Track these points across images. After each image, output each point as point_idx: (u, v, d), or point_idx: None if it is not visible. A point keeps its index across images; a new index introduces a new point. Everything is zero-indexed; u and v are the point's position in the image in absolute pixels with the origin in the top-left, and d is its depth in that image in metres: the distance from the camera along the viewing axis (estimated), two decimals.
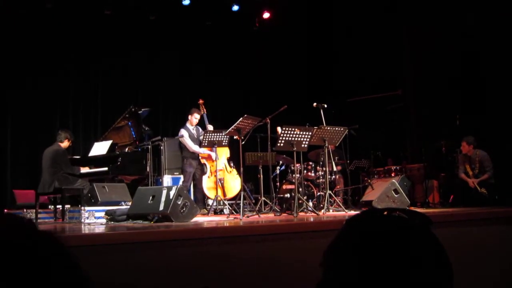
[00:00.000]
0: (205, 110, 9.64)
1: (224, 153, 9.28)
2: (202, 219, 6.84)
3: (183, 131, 9.30)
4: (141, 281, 3.66)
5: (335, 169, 9.06)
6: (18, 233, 0.99)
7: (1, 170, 10.57)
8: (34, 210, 8.30)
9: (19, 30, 10.72)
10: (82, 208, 7.12)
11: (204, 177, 9.22)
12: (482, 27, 10.00)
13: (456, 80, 10.53)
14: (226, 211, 8.33)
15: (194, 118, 9.36)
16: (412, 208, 7.61)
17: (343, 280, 1.08)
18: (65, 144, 8.46)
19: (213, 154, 9.15)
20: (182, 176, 9.62)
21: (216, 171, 8.86)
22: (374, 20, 11.80)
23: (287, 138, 7.05)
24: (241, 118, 7.40)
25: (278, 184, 9.51)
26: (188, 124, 9.40)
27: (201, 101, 9.65)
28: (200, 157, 9.33)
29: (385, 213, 1.13)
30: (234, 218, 6.90)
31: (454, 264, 1.11)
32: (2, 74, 10.54)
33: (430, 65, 11.01)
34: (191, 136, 9.26)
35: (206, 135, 8.06)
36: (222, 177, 9.11)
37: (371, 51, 11.82)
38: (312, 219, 6.08)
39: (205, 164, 9.31)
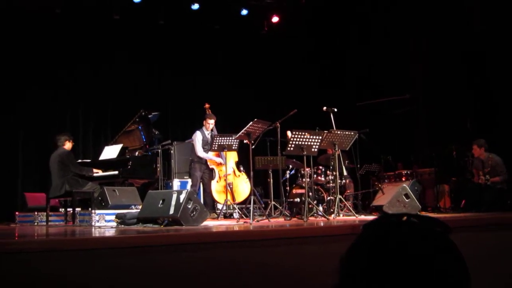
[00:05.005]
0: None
1: (232, 157, 9.25)
2: (212, 223, 6.82)
3: (197, 133, 9.25)
4: (150, 285, 3.65)
5: (345, 173, 9.03)
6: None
7: (12, 173, 10.65)
8: (45, 213, 8.35)
9: (27, 35, 10.80)
10: (93, 211, 7.13)
11: (213, 182, 9.20)
12: (489, 29, 9.95)
13: (467, 83, 10.48)
14: (236, 215, 8.31)
15: (208, 123, 9.30)
16: (423, 213, 7.59)
17: (360, 287, 1.07)
18: (67, 145, 8.52)
19: (217, 159, 9.12)
20: (190, 180, 9.61)
21: (225, 175, 8.83)
22: (383, 23, 11.77)
23: (297, 142, 7.03)
24: (251, 122, 7.40)
25: (288, 188, 9.48)
26: (203, 128, 9.37)
27: (207, 105, 9.63)
28: (208, 162, 9.30)
29: (404, 218, 1.12)
30: (244, 222, 6.89)
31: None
32: (13, 80, 10.61)
33: (440, 68, 10.96)
34: (204, 139, 9.20)
35: (216, 139, 8.04)
36: (231, 182, 9.09)
37: (380, 54, 11.78)
38: (322, 224, 6.05)
39: (213, 169, 9.28)
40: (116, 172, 8.38)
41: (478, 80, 10.29)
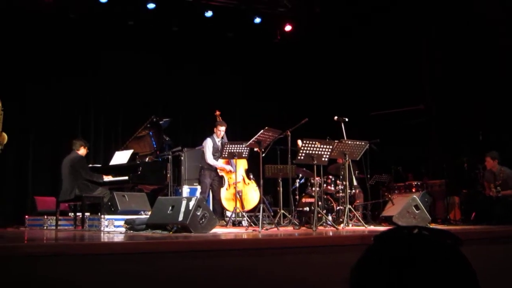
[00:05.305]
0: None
1: (242, 165, 9.24)
2: (221, 231, 6.82)
3: (208, 140, 9.26)
4: None
5: (355, 183, 8.99)
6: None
7: (23, 177, 10.70)
8: (54, 217, 8.38)
9: (42, 38, 10.88)
10: (102, 216, 7.17)
11: (222, 189, 9.19)
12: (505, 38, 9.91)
13: (479, 95, 10.42)
14: (244, 223, 8.30)
15: (218, 130, 9.30)
16: (433, 225, 7.53)
17: None
18: (82, 151, 8.55)
19: (227, 167, 9.12)
20: (199, 187, 9.61)
21: (234, 183, 8.82)
22: (396, 34, 11.75)
23: (307, 151, 7.01)
24: (261, 131, 7.39)
25: (297, 197, 9.46)
26: (214, 135, 9.39)
27: (217, 113, 9.64)
28: (218, 169, 9.30)
29: (415, 231, 1.11)
30: (253, 230, 6.87)
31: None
32: (24, 84, 10.67)
33: (453, 80, 10.91)
34: (214, 147, 9.21)
35: (227, 147, 8.05)
36: (241, 190, 9.08)
37: (393, 64, 11.75)
38: (331, 234, 6.03)
39: (223, 177, 9.28)
40: (126, 178, 8.41)
41: (491, 92, 10.23)
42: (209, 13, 11.68)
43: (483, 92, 10.36)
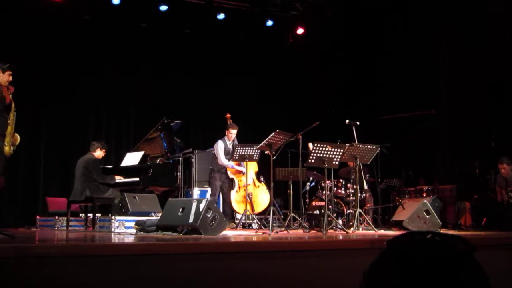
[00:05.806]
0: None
1: (252, 167, 9.24)
2: (231, 233, 6.83)
3: (219, 143, 9.28)
4: None
5: (365, 187, 8.97)
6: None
7: (34, 177, 10.76)
8: (65, 218, 8.42)
9: (54, 41, 10.94)
10: (113, 217, 7.19)
11: (232, 192, 9.20)
12: None
13: (491, 100, 10.36)
14: (254, 225, 8.30)
15: (230, 133, 9.31)
16: (444, 230, 7.48)
17: None
18: (98, 153, 8.59)
19: (241, 168, 9.13)
20: (209, 189, 9.62)
21: (244, 185, 8.82)
22: (409, 37, 11.71)
23: (318, 155, 7.01)
24: (272, 133, 7.39)
25: (307, 200, 9.45)
26: (225, 138, 9.40)
27: (228, 115, 9.66)
28: (228, 172, 9.31)
29: (428, 236, 1.11)
30: (263, 233, 6.87)
31: None
32: (36, 85, 10.72)
33: (465, 84, 10.85)
34: (226, 149, 9.23)
35: (237, 149, 8.05)
36: (251, 192, 9.08)
37: (405, 68, 11.71)
38: (341, 237, 6.02)
39: (233, 179, 9.29)
40: (137, 179, 8.42)
41: (503, 97, 10.17)
42: (221, 16, 11.71)
43: (494, 96, 10.30)
